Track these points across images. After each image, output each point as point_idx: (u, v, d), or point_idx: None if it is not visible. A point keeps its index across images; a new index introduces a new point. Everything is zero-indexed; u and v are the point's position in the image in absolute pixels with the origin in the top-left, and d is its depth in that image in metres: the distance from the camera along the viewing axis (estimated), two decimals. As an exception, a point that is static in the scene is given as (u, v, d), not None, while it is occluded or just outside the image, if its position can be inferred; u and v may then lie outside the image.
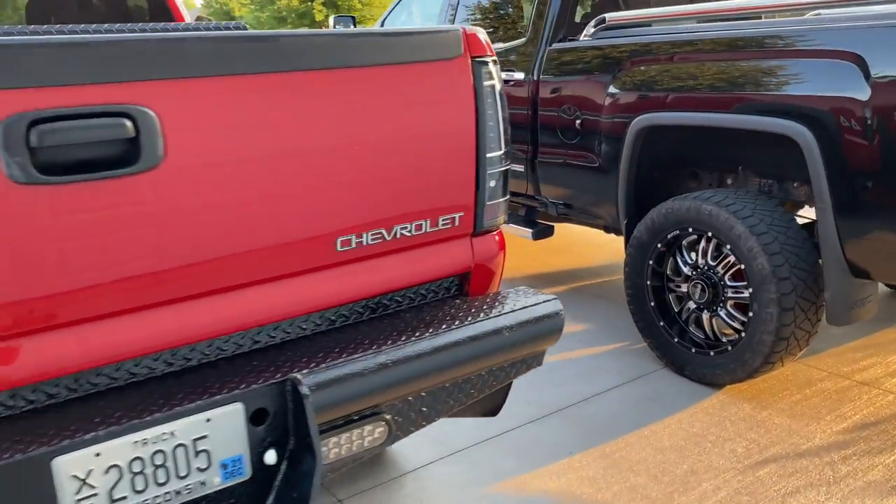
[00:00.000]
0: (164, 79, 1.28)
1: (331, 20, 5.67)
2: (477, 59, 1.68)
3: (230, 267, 1.40)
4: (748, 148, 3.30)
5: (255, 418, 1.39)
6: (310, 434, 1.37)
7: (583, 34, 3.73)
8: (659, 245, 3.25)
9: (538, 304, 1.72)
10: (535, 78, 3.88)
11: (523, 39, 4.02)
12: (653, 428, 2.87)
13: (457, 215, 1.72)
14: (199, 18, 11.96)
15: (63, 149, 1.21)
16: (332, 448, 1.47)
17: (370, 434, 1.52)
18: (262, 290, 1.46)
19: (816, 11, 3.16)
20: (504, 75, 4.03)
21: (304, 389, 1.36)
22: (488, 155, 1.74)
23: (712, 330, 3.18)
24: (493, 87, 1.71)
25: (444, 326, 1.59)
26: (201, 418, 1.31)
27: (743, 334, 2.98)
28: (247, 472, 1.39)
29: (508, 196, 1.84)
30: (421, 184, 1.63)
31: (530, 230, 4.10)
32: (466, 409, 1.94)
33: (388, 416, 1.54)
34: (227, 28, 2.36)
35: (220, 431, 1.34)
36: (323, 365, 1.43)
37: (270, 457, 1.40)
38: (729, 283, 3.06)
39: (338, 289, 1.57)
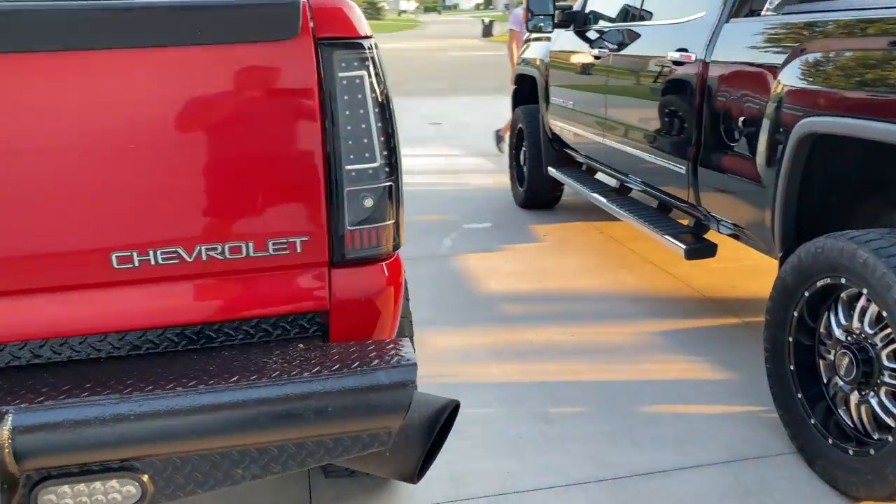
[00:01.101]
0: None
1: None
2: (328, 42, 1.28)
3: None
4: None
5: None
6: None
7: (764, 8, 2.90)
8: (806, 293, 2.43)
9: (381, 369, 1.29)
10: (706, 60, 3.13)
11: (704, 13, 3.27)
12: (724, 534, 2.18)
13: (297, 240, 1.36)
14: None
15: None
16: (63, 499, 1.25)
17: (115, 491, 1.27)
18: (11, 301, 1.28)
19: None
20: (678, 55, 3.34)
21: (-3, 428, 1.16)
22: (349, 167, 1.34)
23: (860, 419, 2.31)
24: (356, 78, 1.30)
25: (234, 378, 1.27)
26: None
27: (890, 438, 2.12)
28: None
29: (396, 218, 1.42)
30: (233, 199, 1.30)
31: (683, 246, 3.38)
32: (370, 467, 1.58)
33: (144, 476, 1.27)
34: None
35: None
36: (48, 402, 1.21)
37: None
38: (886, 362, 2.19)
39: (118, 312, 1.32)
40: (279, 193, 1.32)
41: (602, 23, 4.51)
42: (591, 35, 4.54)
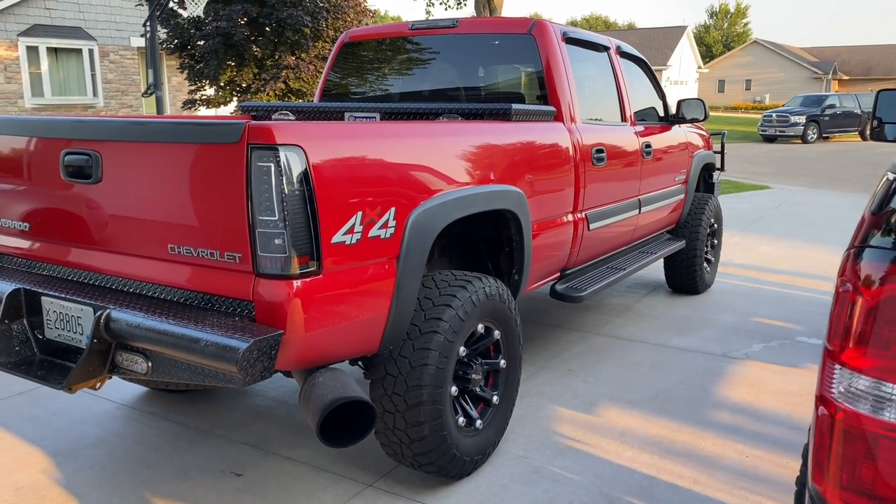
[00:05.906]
0: (105, 140, 2.58)
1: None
2: (253, 145, 2.23)
3: (119, 237, 2.62)
4: None
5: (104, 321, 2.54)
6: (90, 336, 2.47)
7: None
8: None
9: (230, 338, 2.18)
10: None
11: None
12: None
13: (237, 255, 2.32)
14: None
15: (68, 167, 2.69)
16: (123, 359, 2.51)
17: (139, 363, 2.46)
18: (115, 257, 2.62)
19: None
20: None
21: (99, 314, 2.47)
22: (259, 217, 2.25)
23: None
24: (266, 167, 2.21)
25: (180, 321, 2.33)
26: (77, 307, 2.60)
27: None
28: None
29: (299, 252, 2.25)
30: (204, 227, 2.37)
31: None
32: (307, 414, 2.43)
33: (148, 362, 2.44)
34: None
35: (85, 318, 2.59)
36: (126, 310, 2.48)
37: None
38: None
39: (164, 275, 2.53)
40: (226, 227, 2.33)
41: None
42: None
